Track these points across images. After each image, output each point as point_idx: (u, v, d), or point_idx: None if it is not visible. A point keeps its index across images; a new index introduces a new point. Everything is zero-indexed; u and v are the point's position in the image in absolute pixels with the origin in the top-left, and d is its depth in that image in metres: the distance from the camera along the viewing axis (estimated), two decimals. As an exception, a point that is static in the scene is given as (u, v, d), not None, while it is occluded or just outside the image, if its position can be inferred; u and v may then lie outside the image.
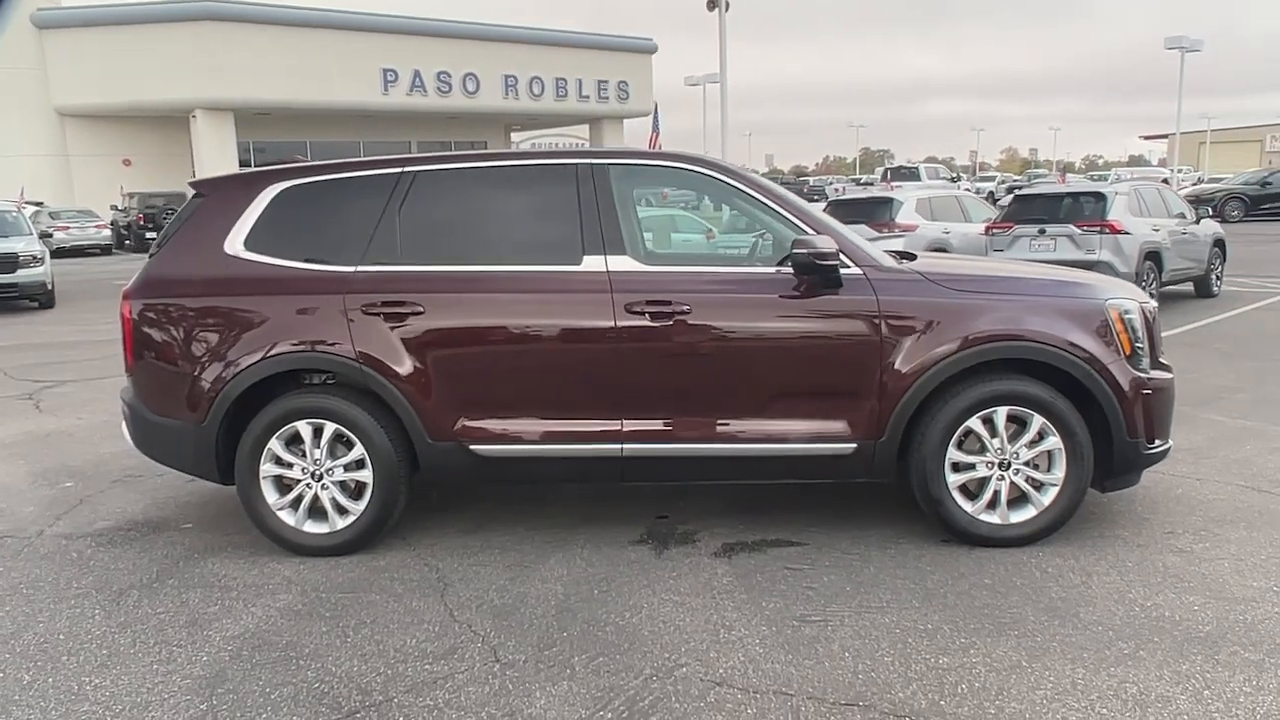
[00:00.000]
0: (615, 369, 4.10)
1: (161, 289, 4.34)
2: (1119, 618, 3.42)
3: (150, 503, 5.18)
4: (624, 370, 4.10)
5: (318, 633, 3.51)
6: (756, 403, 4.11)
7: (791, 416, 4.10)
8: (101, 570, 4.21)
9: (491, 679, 3.13)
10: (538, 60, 39.09)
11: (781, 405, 4.10)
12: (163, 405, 4.33)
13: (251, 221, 4.32)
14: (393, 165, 4.36)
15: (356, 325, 4.14)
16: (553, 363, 4.15)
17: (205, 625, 3.61)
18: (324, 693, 3.08)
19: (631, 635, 3.41)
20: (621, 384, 4.11)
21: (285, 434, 4.21)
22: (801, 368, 4.09)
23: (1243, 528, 4.26)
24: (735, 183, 4.30)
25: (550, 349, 4.14)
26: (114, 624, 3.65)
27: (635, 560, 4.11)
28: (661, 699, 2.97)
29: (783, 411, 4.10)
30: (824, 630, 3.40)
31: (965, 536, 4.11)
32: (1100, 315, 4.09)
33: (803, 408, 4.10)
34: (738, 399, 4.11)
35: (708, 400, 4.12)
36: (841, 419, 4.08)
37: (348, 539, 4.25)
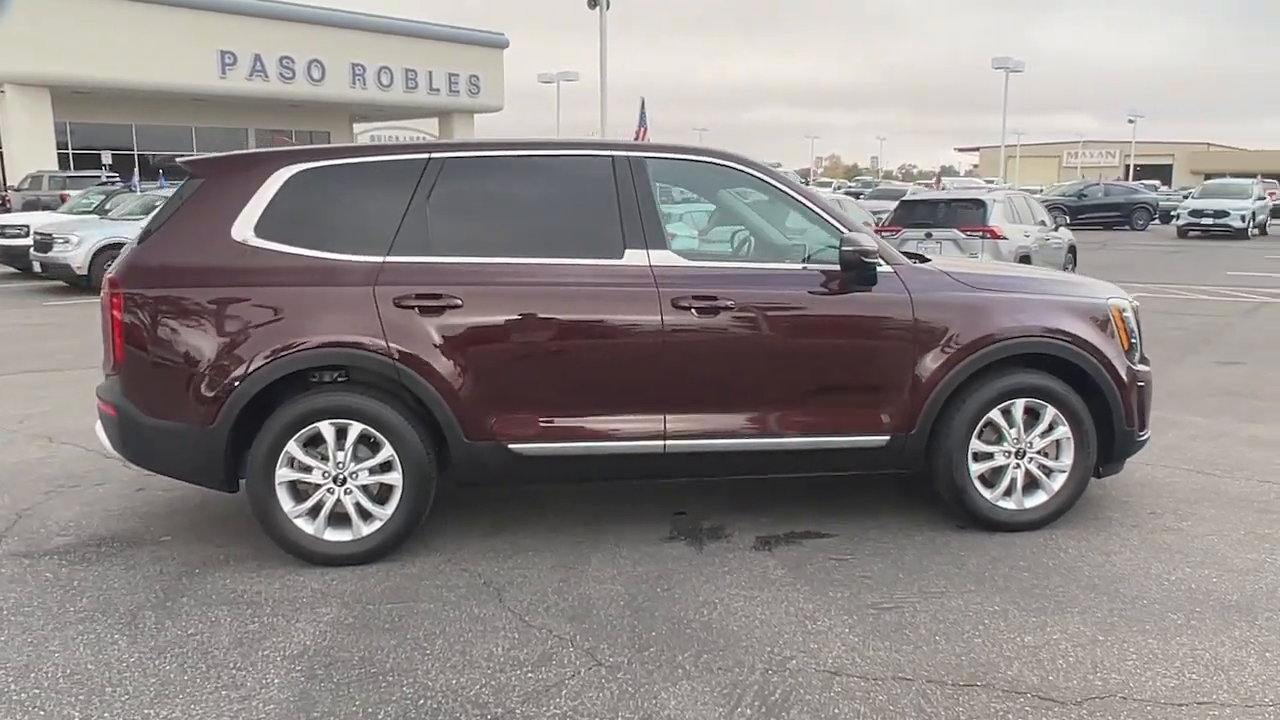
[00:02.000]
0: (660, 364, 4.06)
1: (158, 278, 3.93)
2: (1155, 592, 3.71)
3: (103, 514, 4.69)
4: (668, 365, 4.06)
5: (388, 646, 3.29)
6: (796, 397, 4.18)
7: (829, 410, 4.19)
8: (93, 591, 3.77)
9: (606, 683, 3.04)
10: (387, 50, 37.87)
11: (820, 399, 4.19)
12: (160, 406, 3.93)
13: (262, 206, 3.99)
14: (419, 151, 4.14)
15: (388, 319, 3.90)
16: (596, 358, 4.06)
17: (255, 645, 3.31)
18: (434, 709, 2.89)
19: (721, 631, 3.40)
20: (665, 379, 4.07)
21: (304, 436, 3.92)
22: (840, 362, 4.20)
23: (1209, 506, 4.70)
24: (770, 179, 4.35)
25: (594, 344, 4.05)
26: (145, 649, 3.29)
27: (679, 557, 4.09)
28: (790, 691, 2.98)
29: (821, 405, 4.19)
30: (902, 616, 3.51)
31: (985, 522, 4.33)
32: (1103, 313, 4.42)
33: (839, 401, 4.20)
34: (779, 393, 4.16)
35: (750, 395, 4.15)
36: (876, 412, 4.21)
37: (373, 546, 4.00)
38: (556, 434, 4.04)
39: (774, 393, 4.16)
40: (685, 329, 4.05)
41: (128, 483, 5.23)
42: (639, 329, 4.04)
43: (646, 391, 4.08)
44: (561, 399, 4.05)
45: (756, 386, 4.15)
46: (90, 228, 15.12)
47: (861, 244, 4.07)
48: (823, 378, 4.19)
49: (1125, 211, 30.43)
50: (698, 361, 4.09)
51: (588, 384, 4.06)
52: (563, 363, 4.04)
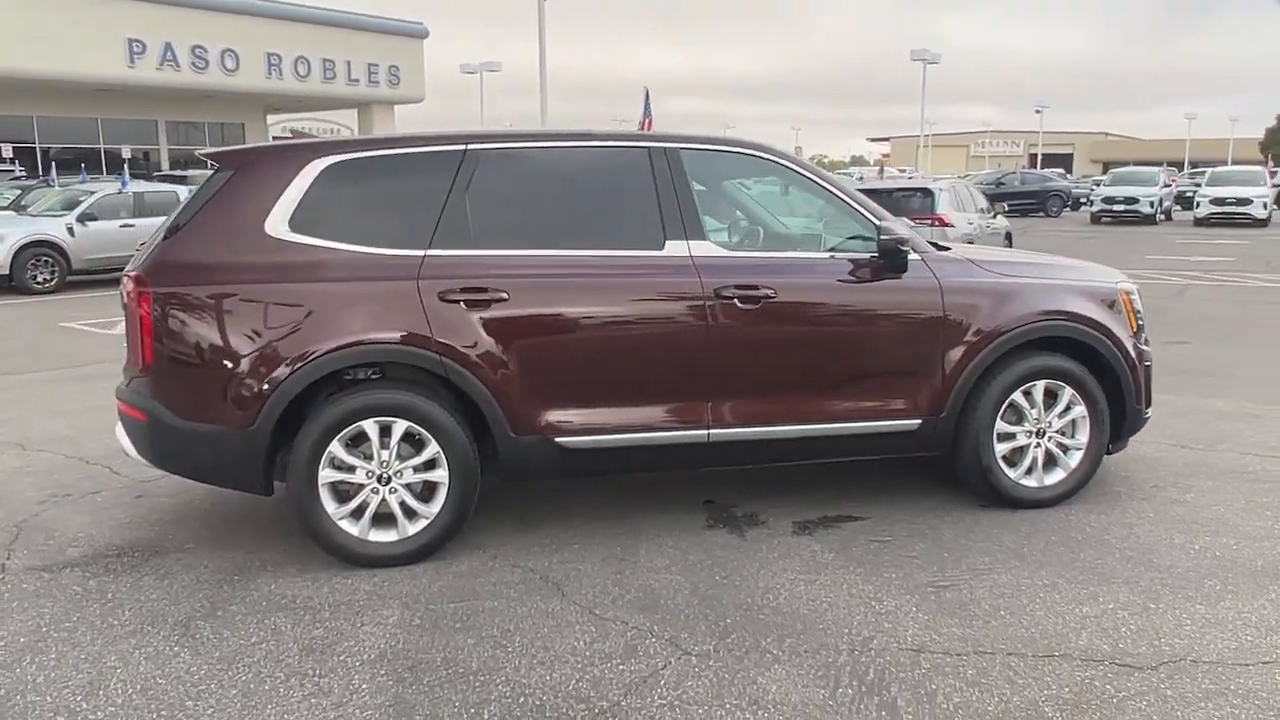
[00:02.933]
0: (704, 354, 4.08)
1: (191, 274, 3.77)
2: (1185, 561, 3.91)
3: (111, 524, 4.49)
4: (713, 355, 4.09)
5: (466, 646, 3.25)
6: (833, 383, 4.26)
7: (864, 396, 4.29)
8: (132, 604, 3.61)
9: (700, 671, 3.06)
10: (304, 39, 36.68)
11: (855, 385, 4.28)
12: (195, 409, 3.78)
13: (295, 200, 3.86)
14: (455, 142, 4.06)
15: (433, 313, 3.83)
16: (641, 349, 4.06)
17: (327, 651, 3.22)
18: (538, 706, 2.87)
19: (793, 615, 3.45)
20: (710, 369, 4.10)
21: (346, 435, 3.82)
22: (874, 348, 4.29)
23: (1204, 479, 4.96)
24: (801, 170, 4.41)
25: (639, 335, 4.05)
26: (212, 660, 3.17)
27: (725, 545, 4.12)
28: (883, 670, 3.05)
29: (856, 391, 4.28)
30: (960, 594, 3.62)
31: (1009, 501, 4.48)
32: (1114, 297, 4.62)
33: (874, 387, 4.30)
34: (817, 380, 4.23)
35: (790, 382, 4.21)
36: (909, 397, 4.32)
37: (419, 546, 3.93)
38: (604, 426, 4.03)
39: (813, 380, 4.23)
40: (728, 318, 4.08)
41: (124, 490, 5.02)
42: (683, 320, 4.05)
43: (691, 381, 4.10)
44: (607, 391, 4.04)
45: (796, 374, 4.21)
46: (9, 224, 14.33)
47: (899, 232, 4.17)
48: (858, 364, 4.28)
49: (1040, 199, 31.69)
50: (740, 351, 4.12)
51: (633, 376, 4.06)
52: (608, 355, 4.03)
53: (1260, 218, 25.00)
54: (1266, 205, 25.23)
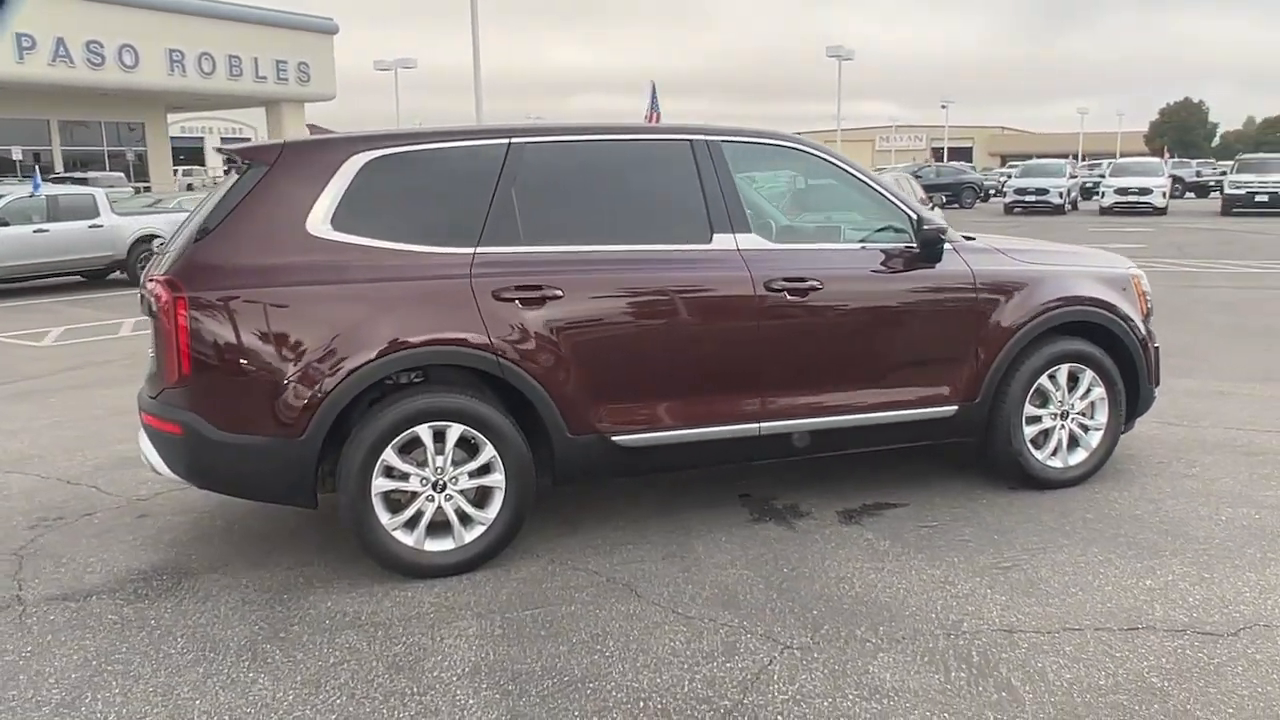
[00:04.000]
0: (755, 347, 4.07)
1: (230, 278, 3.57)
2: (1219, 531, 4.08)
3: (123, 547, 4.23)
4: (763, 348, 4.08)
5: (559, 653, 3.16)
6: (878, 373, 4.30)
7: (906, 384, 4.34)
8: (182, 630, 3.40)
9: (809, 663, 3.04)
10: (208, 35, 35.26)
11: (898, 374, 4.33)
12: (238, 420, 3.58)
13: (337, 197, 3.69)
14: (498, 135, 3.94)
15: (488, 312, 3.71)
16: (695, 344, 4.02)
17: (415, 668, 3.09)
18: (662, 710, 2.81)
19: (875, 603, 3.47)
20: (760, 362, 4.09)
21: (399, 442, 3.67)
22: (915, 337, 4.35)
23: (1202, 453, 5.20)
24: (838, 162, 4.44)
25: (692, 330, 4.01)
26: (295, 684, 3.00)
27: (779, 538, 4.12)
28: (985, 651, 3.09)
29: (899, 380, 4.33)
30: (1026, 574, 3.69)
31: (1036, 482, 4.61)
32: (1127, 281, 4.79)
33: (915, 375, 4.36)
34: (863, 370, 4.27)
35: (837, 373, 4.23)
36: (946, 384, 4.40)
37: (476, 554, 3.81)
38: (658, 423, 3.98)
39: (858, 370, 4.26)
40: (777, 311, 4.07)
41: (122, 510, 4.73)
42: (735, 313, 4.03)
43: (742, 375, 4.08)
44: (661, 387, 3.99)
45: (842, 365, 4.23)
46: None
47: (938, 223, 4.24)
48: (900, 353, 4.33)
49: (955, 191, 32.79)
50: (789, 343, 4.13)
51: (687, 370, 4.02)
52: (662, 350, 3.98)
53: (1160, 206, 26.41)
54: (1165, 194, 26.67)
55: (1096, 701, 2.79)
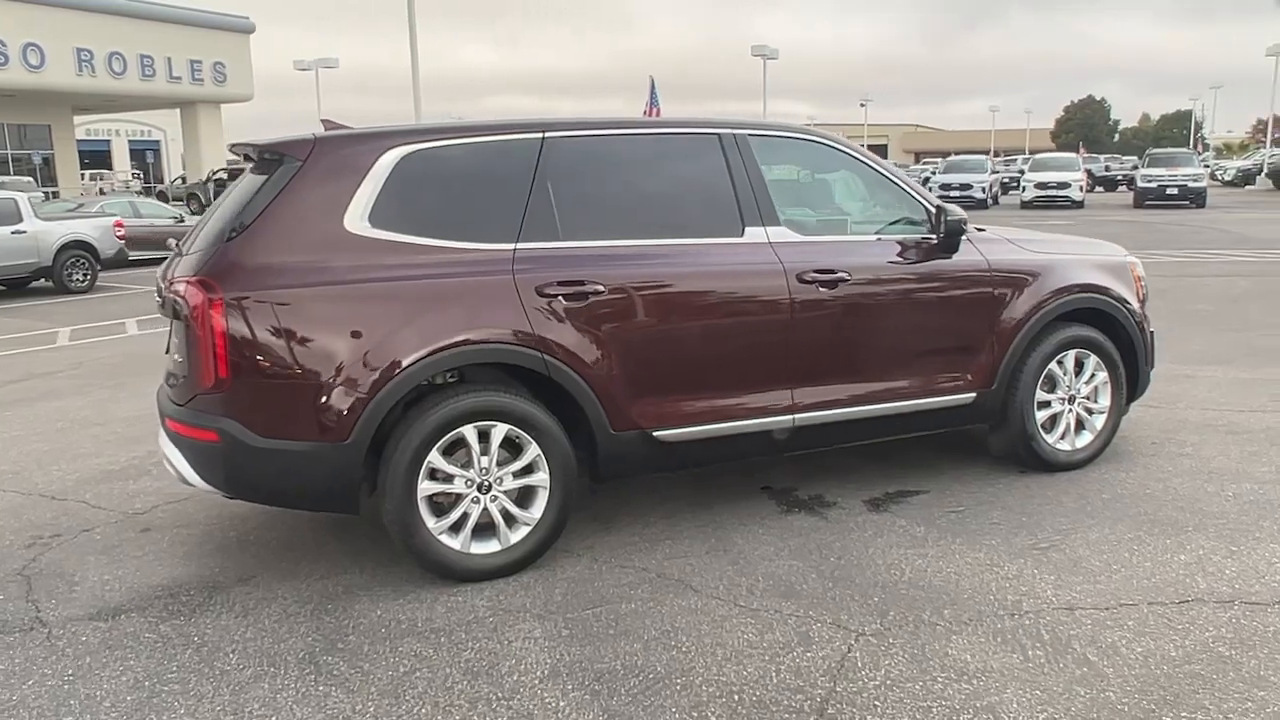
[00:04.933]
0: (789, 339, 4.10)
1: (267, 277, 3.42)
2: (1231, 506, 4.26)
3: (136, 562, 4.04)
4: (797, 340, 4.11)
5: (636, 651, 3.12)
6: (904, 362, 4.37)
7: (930, 373, 4.42)
8: (231, 645, 3.26)
9: (888, 649, 3.07)
10: (119, 34, 33.84)
11: (923, 363, 4.41)
12: (279, 425, 3.44)
13: (374, 193, 3.58)
14: (531, 130, 3.88)
15: (532, 310, 3.65)
16: (732, 337, 4.02)
17: (492, 673, 3.02)
18: (759, 702, 2.80)
19: (932, 588, 3.52)
20: (794, 354, 4.12)
21: (444, 443, 3.58)
22: (938, 327, 4.43)
23: (1189, 434, 5.42)
24: (860, 156, 4.49)
25: (729, 323, 4.01)
26: (372, 695, 2.90)
27: (814, 528, 4.15)
28: (1055, 629, 3.16)
29: (923, 368, 4.41)
30: (1065, 553, 3.80)
31: (1047, 465, 4.74)
32: (1126, 269, 4.97)
33: (938, 364, 4.44)
34: (890, 360, 4.33)
35: (867, 363, 4.28)
36: (965, 371, 4.49)
37: (524, 554, 3.74)
38: (697, 417, 3.97)
39: (886, 360, 4.32)
40: (810, 303, 4.10)
41: (122, 525, 4.52)
42: (769, 306, 4.04)
43: (777, 368, 4.10)
44: (700, 381, 3.98)
45: (871, 355, 4.29)
46: None
47: (958, 214, 4.33)
48: (924, 342, 4.41)
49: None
50: (822, 334, 4.16)
51: (725, 364, 4.02)
52: (701, 344, 3.97)
53: (1078, 200, 27.49)
54: (1082, 188, 27.78)
55: (1174, 672, 2.88)
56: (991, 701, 2.75)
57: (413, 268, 3.56)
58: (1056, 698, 2.76)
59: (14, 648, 3.30)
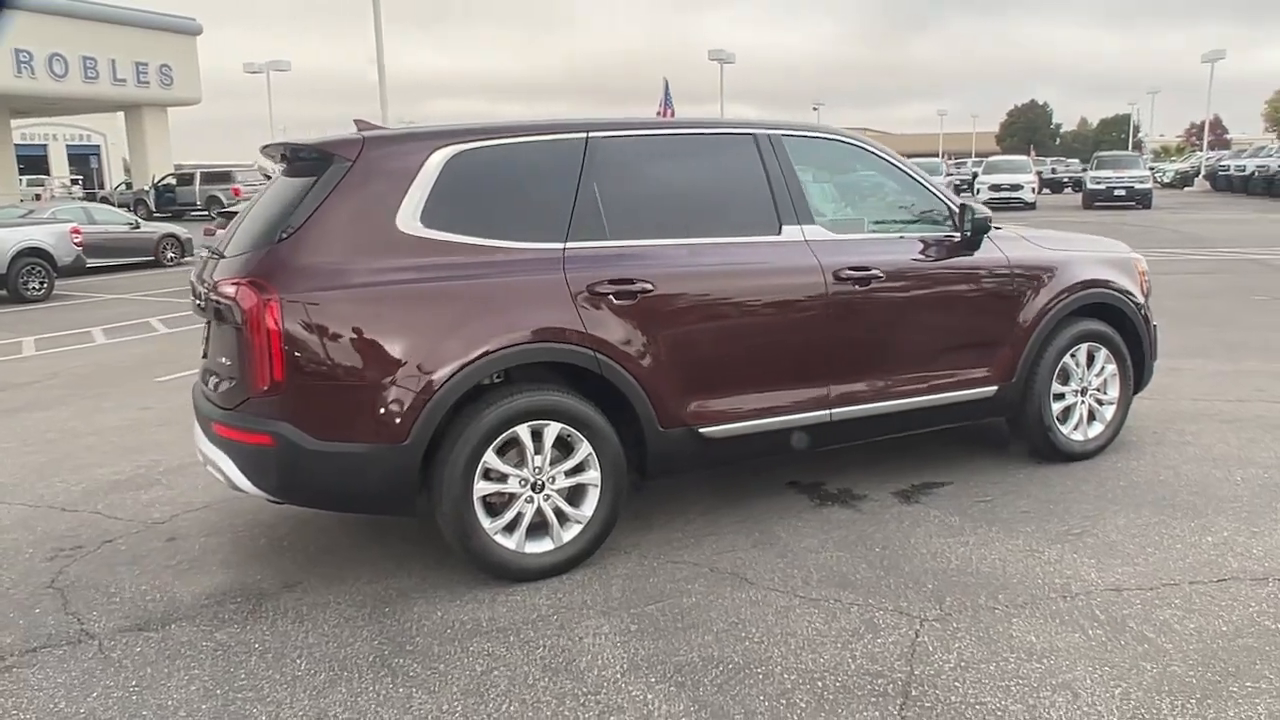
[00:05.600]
0: (827, 335, 4.17)
1: (321, 278, 3.40)
2: (1242, 490, 4.44)
3: (172, 571, 3.98)
4: (833, 336, 4.19)
5: (708, 643, 3.16)
6: (932, 357, 4.47)
7: (956, 367, 4.54)
8: (296, 650, 3.22)
9: (955, 634, 3.15)
10: (60, 34, 32.84)
11: (949, 358, 4.52)
12: (335, 428, 3.41)
13: (425, 193, 3.58)
14: (576, 130, 3.90)
15: (584, 308, 3.67)
16: (773, 334, 4.09)
17: (571, 669, 3.04)
18: (843, 687, 2.86)
19: (981, 574, 3.62)
20: (831, 350, 4.20)
21: (499, 443, 3.59)
22: (963, 322, 4.55)
23: (1185, 423, 5.63)
24: (887, 157, 4.60)
25: (771, 320, 4.08)
26: (455, 695, 2.90)
27: (851, 520, 4.24)
28: (1107, 608, 3.28)
29: (950, 363, 4.52)
30: (1099, 538, 3.93)
31: (1063, 455, 4.90)
32: (1131, 265, 5.15)
33: (963, 358, 4.56)
34: (920, 355, 4.44)
35: (898, 358, 4.38)
36: (988, 365, 4.62)
37: (574, 553, 3.76)
38: (740, 414, 4.02)
39: (916, 354, 4.43)
40: (845, 299, 4.19)
41: (144, 534, 4.45)
42: (809, 303, 4.12)
43: (815, 363, 4.18)
44: (744, 378, 4.04)
45: (902, 350, 4.39)
46: None
47: (985, 213, 4.45)
48: (951, 337, 4.52)
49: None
50: (856, 330, 4.25)
51: (767, 361, 4.08)
52: (744, 341, 4.03)
53: (1030, 201, 28.19)
54: (1034, 190, 28.49)
55: (1229, 645, 3.01)
56: (1066, 679, 2.85)
57: (466, 267, 3.56)
58: (1126, 673, 2.87)
59: (67, 661, 3.23)
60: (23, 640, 3.40)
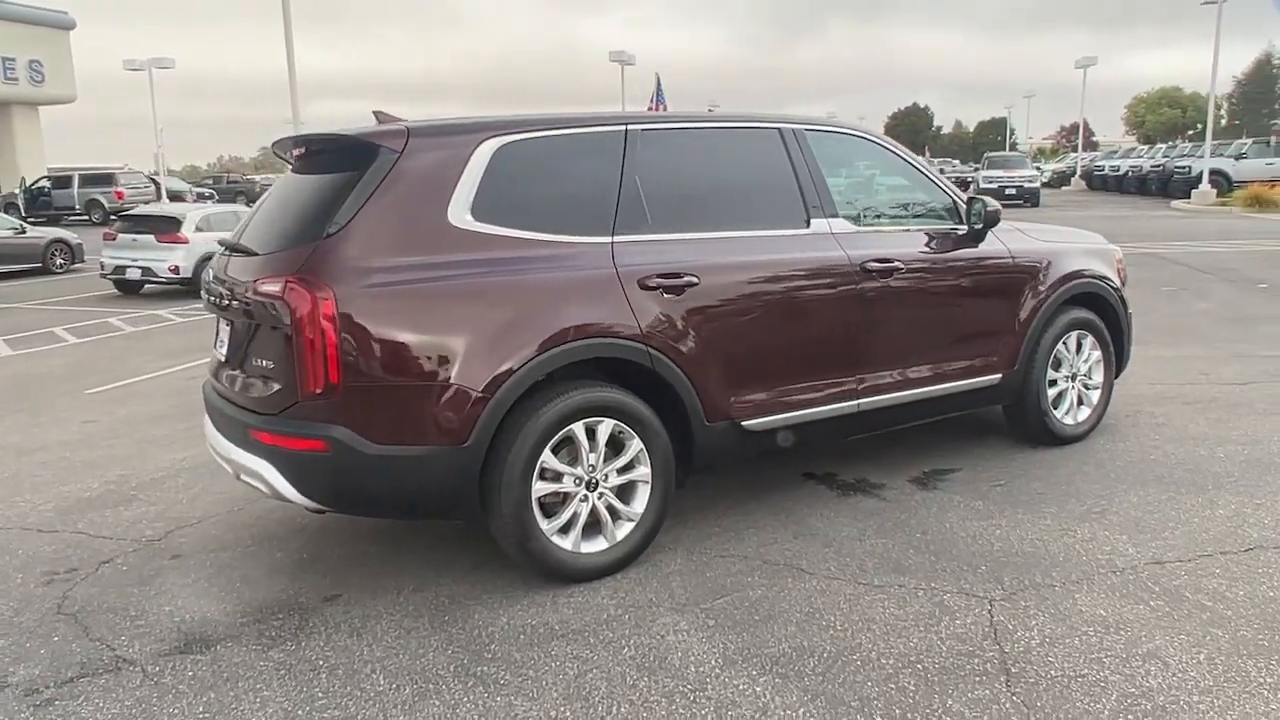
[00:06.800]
0: (855, 327, 4.24)
1: (377, 274, 3.25)
2: (1231, 466, 4.71)
3: (192, 592, 3.74)
4: (861, 328, 4.25)
5: (792, 634, 3.16)
6: (947, 346, 4.59)
7: (967, 356, 4.67)
8: (366, 667, 3.07)
9: (1025, 611, 3.24)
10: (-83, 25, 30.60)
11: (961, 347, 4.65)
12: (393, 431, 3.27)
13: (474, 185, 3.46)
14: (614, 122, 3.84)
15: (636, 302, 3.62)
16: (807, 326, 4.12)
17: (663, 666, 2.99)
18: (945, 668, 2.90)
19: (1027, 554, 3.73)
20: (858, 341, 4.26)
21: (555, 441, 3.51)
22: (974, 312, 4.69)
23: (1154, 405, 5.94)
24: (899, 152, 4.70)
25: (806, 312, 4.11)
26: (556, 700, 2.82)
27: (880, 508, 4.31)
28: (1159, 580, 3.43)
29: (961, 352, 4.65)
30: (1121, 516, 4.10)
31: (1057, 439, 5.10)
32: (1111, 256, 5.41)
33: (974, 348, 4.70)
34: (937, 345, 4.55)
35: (918, 348, 4.48)
36: (993, 354, 4.77)
37: (629, 551, 3.72)
38: (778, 405, 4.04)
39: (933, 344, 4.53)
40: (872, 291, 4.26)
41: (145, 554, 4.18)
42: (840, 295, 4.17)
43: (844, 354, 4.23)
44: (781, 370, 4.06)
45: (921, 340, 4.49)
46: None
47: (995, 205, 4.60)
48: (963, 327, 4.65)
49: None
50: (880, 321, 4.32)
51: (803, 352, 4.11)
52: (781, 334, 4.05)
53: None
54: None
55: (1281, 609, 3.20)
56: (1150, 648, 2.97)
57: (520, 262, 3.46)
58: (1201, 640, 3.01)
59: (113, 690, 2.99)
60: (52, 670, 3.13)
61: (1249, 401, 5.91)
